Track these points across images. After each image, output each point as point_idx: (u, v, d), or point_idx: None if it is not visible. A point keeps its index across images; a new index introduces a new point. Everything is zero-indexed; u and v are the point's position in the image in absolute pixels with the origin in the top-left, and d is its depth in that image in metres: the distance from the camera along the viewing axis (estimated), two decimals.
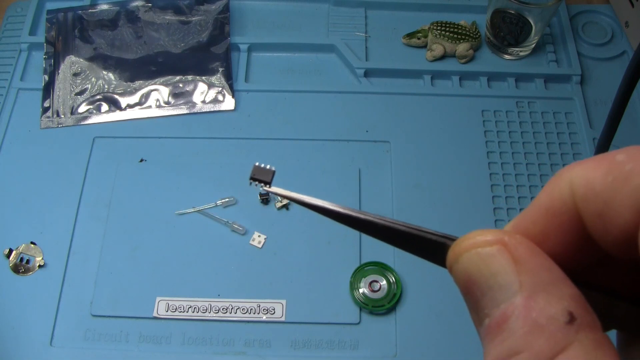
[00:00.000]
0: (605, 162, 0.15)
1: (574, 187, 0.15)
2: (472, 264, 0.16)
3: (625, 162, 0.14)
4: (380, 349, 0.51)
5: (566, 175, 0.16)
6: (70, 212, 0.57)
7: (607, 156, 0.15)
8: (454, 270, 0.16)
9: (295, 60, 0.68)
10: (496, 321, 0.15)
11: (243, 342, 0.51)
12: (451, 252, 0.16)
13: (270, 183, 0.22)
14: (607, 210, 0.15)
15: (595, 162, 0.15)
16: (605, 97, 0.65)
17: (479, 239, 0.16)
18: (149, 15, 0.68)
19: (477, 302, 0.15)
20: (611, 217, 0.14)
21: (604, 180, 0.15)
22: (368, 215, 0.19)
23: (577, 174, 0.15)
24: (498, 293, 0.15)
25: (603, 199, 0.15)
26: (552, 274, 0.15)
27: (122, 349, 0.51)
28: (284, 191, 0.21)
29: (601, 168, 0.15)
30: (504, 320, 0.14)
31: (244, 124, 0.63)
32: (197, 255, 0.55)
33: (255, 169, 0.22)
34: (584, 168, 0.15)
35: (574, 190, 0.15)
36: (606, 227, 0.15)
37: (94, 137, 0.62)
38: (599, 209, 0.15)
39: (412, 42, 0.68)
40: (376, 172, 0.60)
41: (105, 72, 0.66)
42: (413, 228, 0.18)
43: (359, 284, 0.52)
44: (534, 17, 0.63)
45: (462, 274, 0.16)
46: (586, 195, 0.15)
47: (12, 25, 0.70)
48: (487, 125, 0.63)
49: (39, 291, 0.53)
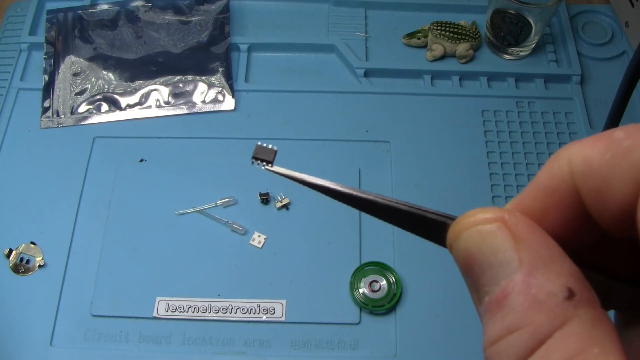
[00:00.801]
0: (603, 139, 0.15)
1: (573, 165, 0.15)
2: (473, 242, 0.16)
3: (623, 139, 0.14)
4: (380, 349, 0.51)
5: (565, 154, 0.16)
6: (70, 212, 0.57)
7: (605, 134, 0.15)
8: (454, 248, 0.16)
9: (295, 60, 0.68)
10: (496, 298, 0.15)
11: (243, 342, 0.51)
12: (451, 230, 0.16)
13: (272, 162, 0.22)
14: (606, 187, 0.14)
15: (594, 140, 0.15)
16: (605, 97, 0.65)
17: (479, 216, 0.16)
18: (149, 15, 0.68)
19: (477, 280, 0.15)
20: (609, 193, 0.14)
21: (602, 157, 0.15)
22: (369, 195, 0.19)
23: (576, 151, 0.15)
24: (498, 270, 0.15)
25: (601, 175, 0.15)
26: (551, 251, 0.15)
27: (122, 349, 0.51)
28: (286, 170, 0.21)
29: (599, 145, 0.15)
30: (504, 296, 0.14)
31: (244, 124, 0.63)
32: (197, 255, 0.55)
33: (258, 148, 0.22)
34: (583, 146, 0.15)
35: (572, 168, 0.15)
36: (604, 204, 0.15)
37: (94, 137, 0.62)
38: (598, 185, 0.15)
39: (412, 42, 0.68)
40: (376, 172, 0.60)
41: (105, 72, 0.66)
42: (414, 207, 0.18)
43: (359, 284, 0.52)
44: (534, 17, 0.63)
45: (463, 252, 0.16)
46: (585, 173, 0.15)
47: (12, 25, 0.70)
48: (487, 125, 0.63)
49: (39, 291, 0.53)
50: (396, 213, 0.18)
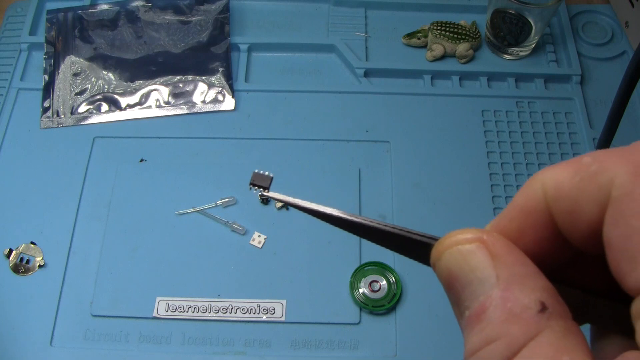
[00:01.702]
0: (573, 164, 0.16)
1: (546, 188, 0.17)
2: (454, 260, 0.17)
3: (590, 164, 0.16)
4: (380, 349, 0.51)
5: (539, 177, 0.17)
6: (70, 212, 0.57)
7: (575, 159, 0.16)
8: (437, 267, 0.18)
9: (295, 60, 0.68)
10: (475, 312, 0.16)
11: (243, 342, 0.51)
12: (434, 250, 0.18)
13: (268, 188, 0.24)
14: (576, 208, 0.16)
15: (565, 165, 0.16)
16: (605, 97, 0.65)
17: (460, 237, 0.17)
18: (149, 15, 0.68)
19: (458, 296, 0.17)
20: (579, 214, 0.16)
21: (571, 181, 0.16)
22: (360, 218, 0.20)
23: (549, 175, 0.17)
24: (477, 286, 0.16)
25: (571, 198, 0.16)
26: (526, 268, 0.16)
27: (122, 349, 0.51)
28: (281, 195, 0.22)
29: (569, 170, 0.16)
30: (483, 310, 0.15)
31: (244, 124, 0.63)
32: (197, 255, 0.55)
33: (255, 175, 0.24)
34: (555, 170, 0.17)
35: (545, 191, 0.17)
36: (575, 224, 0.16)
37: (94, 137, 0.62)
38: (568, 207, 0.16)
39: (412, 42, 0.68)
40: (376, 172, 0.60)
41: (105, 72, 0.66)
42: (400, 229, 0.19)
43: (359, 284, 0.52)
44: (534, 17, 0.63)
45: (445, 270, 0.17)
46: (556, 195, 0.16)
47: (12, 25, 0.70)
48: (487, 125, 0.63)
49: (39, 291, 0.53)
50: (384, 235, 0.19)
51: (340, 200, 0.58)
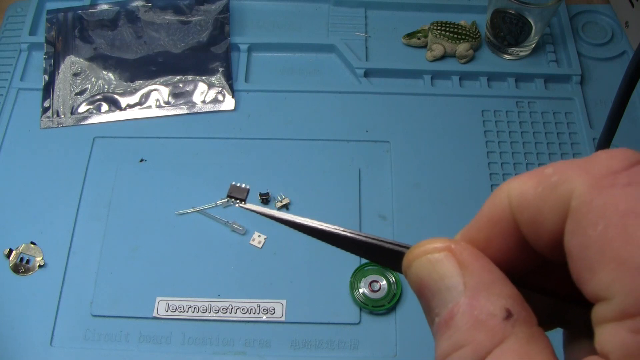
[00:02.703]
0: (536, 175, 0.17)
1: (511, 198, 0.17)
2: (423, 269, 0.17)
3: (552, 175, 0.16)
4: (380, 349, 0.51)
5: (505, 188, 0.17)
6: (70, 212, 0.57)
7: (538, 170, 0.17)
8: (407, 275, 0.18)
9: (295, 60, 0.68)
10: (444, 319, 0.16)
11: (243, 342, 0.51)
12: (405, 258, 0.18)
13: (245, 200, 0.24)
14: (539, 218, 0.16)
15: (529, 175, 0.17)
16: (605, 97, 0.65)
17: (429, 246, 0.17)
18: (149, 15, 0.68)
19: (429, 303, 0.17)
20: (542, 223, 0.16)
21: (534, 191, 0.16)
22: (334, 228, 0.20)
23: (513, 186, 0.17)
24: (446, 294, 0.16)
25: (535, 207, 0.16)
26: (493, 275, 0.16)
27: (122, 349, 0.51)
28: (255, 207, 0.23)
29: (533, 180, 0.17)
30: (451, 317, 0.16)
31: (244, 124, 0.63)
32: (197, 255, 0.55)
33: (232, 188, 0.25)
34: (519, 181, 0.17)
35: (510, 201, 0.17)
36: (538, 233, 0.16)
37: (94, 137, 0.62)
38: (532, 217, 0.16)
39: (412, 42, 0.68)
40: (376, 172, 0.60)
41: (105, 72, 0.66)
42: (373, 238, 0.20)
43: (359, 284, 0.52)
44: (534, 17, 0.63)
45: (415, 278, 0.18)
46: (521, 205, 0.17)
47: (12, 25, 0.70)
48: (487, 125, 0.63)
49: (39, 291, 0.53)
50: (358, 245, 0.20)
51: (340, 200, 0.58)
